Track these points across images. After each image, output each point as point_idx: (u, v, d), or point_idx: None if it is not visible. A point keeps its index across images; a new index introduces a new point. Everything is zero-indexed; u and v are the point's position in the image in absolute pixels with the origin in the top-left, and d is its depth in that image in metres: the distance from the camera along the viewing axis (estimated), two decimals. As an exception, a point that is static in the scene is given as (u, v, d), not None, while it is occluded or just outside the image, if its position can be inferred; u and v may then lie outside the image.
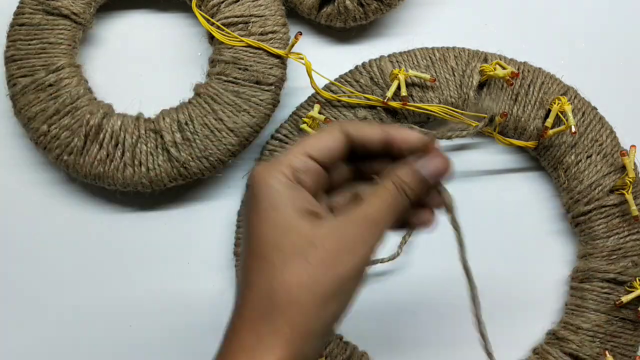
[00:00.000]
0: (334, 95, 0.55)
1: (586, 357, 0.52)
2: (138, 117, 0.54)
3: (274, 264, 0.33)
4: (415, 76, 0.54)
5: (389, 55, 0.57)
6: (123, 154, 0.53)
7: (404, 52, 0.57)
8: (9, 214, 0.57)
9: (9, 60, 0.54)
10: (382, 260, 0.54)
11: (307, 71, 0.53)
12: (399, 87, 0.54)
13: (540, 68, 0.56)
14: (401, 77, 0.54)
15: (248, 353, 0.33)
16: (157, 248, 0.56)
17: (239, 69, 0.53)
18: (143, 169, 0.53)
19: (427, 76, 0.54)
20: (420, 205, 0.39)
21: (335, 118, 0.55)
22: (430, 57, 0.56)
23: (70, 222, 0.57)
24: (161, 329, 0.56)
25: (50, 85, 0.53)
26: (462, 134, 0.53)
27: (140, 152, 0.53)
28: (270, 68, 0.53)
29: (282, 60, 0.54)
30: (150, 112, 0.55)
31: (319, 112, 0.54)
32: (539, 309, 0.56)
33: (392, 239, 0.55)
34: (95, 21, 0.57)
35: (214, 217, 0.57)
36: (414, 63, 0.56)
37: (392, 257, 0.54)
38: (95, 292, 0.56)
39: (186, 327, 0.55)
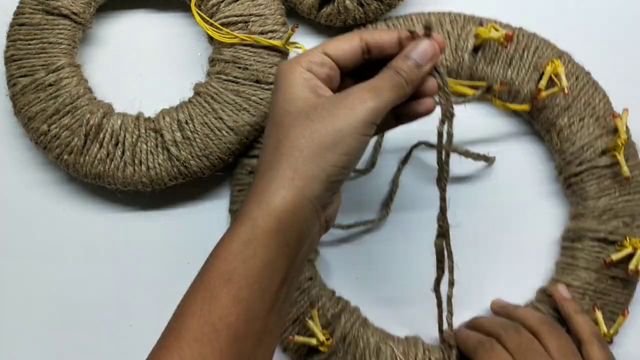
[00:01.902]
0: None
1: None
2: (138, 117, 0.54)
3: (282, 124, 0.40)
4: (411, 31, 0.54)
5: (385, 19, 0.57)
6: (123, 153, 0.53)
7: (400, 16, 0.57)
8: (9, 214, 0.57)
9: (9, 60, 0.54)
10: (372, 222, 0.55)
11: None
12: None
13: (534, 33, 0.57)
14: None
15: (257, 196, 0.39)
16: (157, 248, 0.56)
17: (239, 68, 0.53)
18: (143, 167, 0.53)
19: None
20: (420, 96, 0.43)
21: None
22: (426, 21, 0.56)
23: (70, 222, 0.57)
24: (161, 329, 0.55)
25: (50, 85, 0.53)
26: (459, 102, 0.54)
27: (141, 151, 0.53)
28: (270, 67, 0.53)
29: (281, 59, 0.54)
30: (150, 112, 0.55)
31: None
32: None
33: (377, 203, 0.55)
34: (95, 21, 0.57)
35: (214, 217, 0.57)
36: (410, 26, 0.56)
37: (381, 218, 0.54)
38: (96, 292, 0.56)
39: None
